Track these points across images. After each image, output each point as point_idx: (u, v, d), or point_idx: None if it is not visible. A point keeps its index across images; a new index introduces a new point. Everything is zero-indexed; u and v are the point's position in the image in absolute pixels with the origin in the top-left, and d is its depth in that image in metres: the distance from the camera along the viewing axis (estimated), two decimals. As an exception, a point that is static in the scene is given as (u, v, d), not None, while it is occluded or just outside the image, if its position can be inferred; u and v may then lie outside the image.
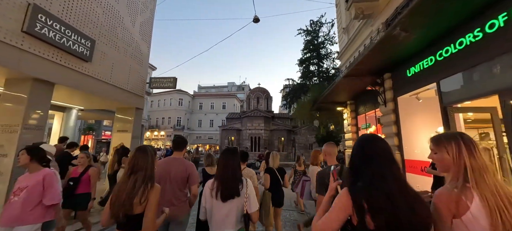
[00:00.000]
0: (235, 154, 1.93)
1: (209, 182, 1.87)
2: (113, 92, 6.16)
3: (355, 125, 8.88)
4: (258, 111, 21.96)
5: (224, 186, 1.76)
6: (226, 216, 1.73)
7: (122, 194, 1.53)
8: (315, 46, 29.06)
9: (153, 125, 39.90)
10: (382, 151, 1.10)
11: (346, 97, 8.84)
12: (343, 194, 1.05)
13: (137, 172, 1.60)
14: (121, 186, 1.59)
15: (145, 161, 1.64)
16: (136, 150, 1.70)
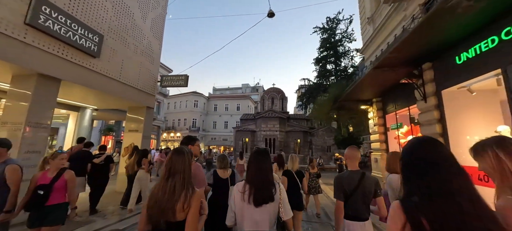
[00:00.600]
0: (267, 156, 1.79)
1: (239, 185, 1.74)
2: (123, 90, 5.91)
3: (382, 125, 7.95)
4: (273, 112, 21.28)
5: (257, 190, 1.63)
6: (258, 223, 1.59)
7: (162, 200, 1.40)
8: (332, 44, 27.85)
9: (170, 126, 40.69)
10: (446, 158, 0.89)
11: (372, 94, 7.95)
12: (395, 208, 0.89)
13: (175, 175, 1.48)
14: (159, 190, 1.45)
15: (182, 163, 1.52)
16: (172, 152, 1.58)
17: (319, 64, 28.90)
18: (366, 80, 6.07)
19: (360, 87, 7.01)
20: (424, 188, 0.85)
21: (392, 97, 7.30)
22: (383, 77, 5.83)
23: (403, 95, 6.63)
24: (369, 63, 8.54)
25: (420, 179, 0.88)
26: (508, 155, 0.91)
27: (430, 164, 0.87)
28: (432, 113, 4.73)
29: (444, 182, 0.83)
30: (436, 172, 0.85)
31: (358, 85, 6.82)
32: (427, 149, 0.92)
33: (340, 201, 1.98)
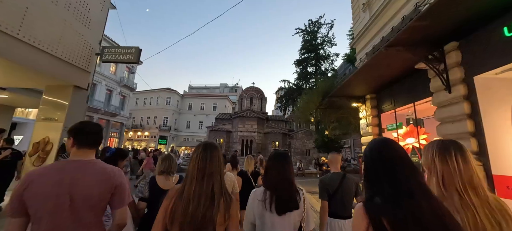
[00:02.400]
0: (289, 159, 1.61)
1: (257, 192, 1.56)
2: (26, 56, 3.87)
3: (377, 126, 6.90)
4: (252, 111, 19.82)
5: (281, 197, 1.46)
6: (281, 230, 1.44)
7: (197, 210, 1.11)
8: (314, 46, 27.63)
9: (137, 124, 36.90)
10: (402, 158, 0.88)
11: (366, 90, 6.88)
12: (358, 211, 0.86)
13: (211, 177, 1.21)
14: (190, 198, 1.15)
15: (218, 161, 1.27)
16: (202, 149, 1.29)
17: (300, 66, 28.49)
18: (372, 66, 4.88)
19: (356, 79, 5.85)
20: (385, 189, 0.84)
21: (390, 94, 6.28)
22: (390, 63, 4.69)
23: (404, 90, 5.61)
24: (365, 56, 7.51)
25: (381, 181, 0.86)
26: (440, 159, 0.97)
27: (389, 165, 0.87)
28: (459, 106, 3.62)
29: (403, 182, 0.83)
30: (395, 173, 0.85)
31: (355, 77, 5.64)
32: (385, 150, 0.92)
33: (324, 200, 2.15)
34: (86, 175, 1.31)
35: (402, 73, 5.25)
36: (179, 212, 1.13)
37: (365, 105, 7.29)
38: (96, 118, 22.27)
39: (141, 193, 2.12)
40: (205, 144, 1.35)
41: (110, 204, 1.38)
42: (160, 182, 2.17)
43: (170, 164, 2.30)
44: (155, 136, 35.13)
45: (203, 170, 1.22)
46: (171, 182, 2.20)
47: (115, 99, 24.74)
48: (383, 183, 0.85)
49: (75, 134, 1.43)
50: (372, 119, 6.92)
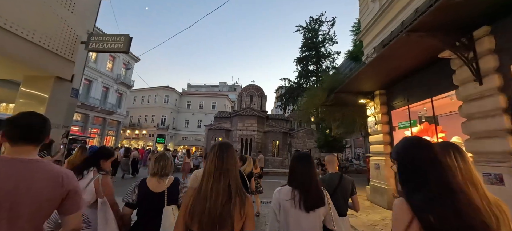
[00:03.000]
0: (312, 160, 1.72)
1: (282, 191, 1.62)
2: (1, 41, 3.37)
3: (387, 123, 6.44)
4: (251, 110, 19.29)
5: (308, 194, 1.55)
6: (309, 228, 1.52)
7: (216, 206, 1.15)
8: (315, 44, 27.18)
9: (135, 123, 36.33)
10: (438, 156, 0.92)
11: (375, 85, 6.42)
12: (401, 206, 0.89)
13: (228, 173, 1.24)
14: (208, 194, 1.19)
15: (233, 159, 1.31)
16: (219, 147, 1.33)
17: (300, 64, 28.03)
18: (378, 62, 4.42)
19: (367, 72, 5.38)
20: (427, 186, 0.87)
21: (403, 89, 5.82)
22: (407, 52, 4.22)
23: (420, 85, 5.14)
24: (372, 51, 7.03)
25: (420, 178, 0.89)
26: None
27: (428, 162, 0.90)
28: (493, 100, 3.16)
29: (443, 179, 0.86)
30: (434, 170, 0.88)
31: (366, 70, 5.17)
32: (423, 148, 0.94)
33: None
34: (33, 179, 1.10)
35: (419, 65, 4.79)
36: (198, 209, 1.16)
37: (373, 102, 6.82)
38: (92, 116, 21.73)
39: (128, 197, 1.86)
40: (221, 143, 1.38)
41: (61, 210, 1.21)
42: (151, 184, 1.90)
43: (165, 165, 1.98)
44: (153, 135, 34.55)
45: (220, 168, 1.25)
46: (164, 184, 1.92)
47: (112, 97, 24.18)
48: (423, 180, 0.88)
49: (5, 125, 1.16)
50: (381, 116, 6.46)
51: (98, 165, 2.12)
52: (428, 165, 0.89)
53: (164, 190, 1.88)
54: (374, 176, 6.57)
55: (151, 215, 1.81)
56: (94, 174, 2.05)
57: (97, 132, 23.41)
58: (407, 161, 0.95)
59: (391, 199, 5.81)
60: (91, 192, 1.96)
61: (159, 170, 1.94)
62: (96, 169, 2.11)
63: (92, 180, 2.00)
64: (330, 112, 8.72)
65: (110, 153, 2.32)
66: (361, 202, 7.28)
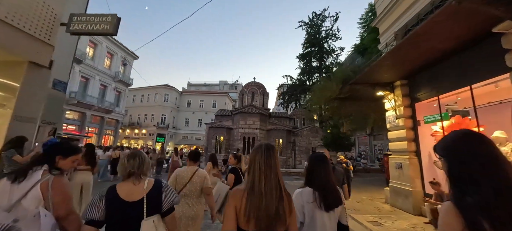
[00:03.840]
0: (328, 161, 1.75)
1: (305, 193, 1.62)
2: None
3: (410, 117, 5.74)
4: (254, 107, 18.60)
5: (328, 196, 1.58)
6: (330, 227, 1.58)
7: (271, 203, 1.19)
8: (318, 40, 26.47)
9: (134, 122, 35.71)
10: (497, 153, 0.81)
11: (396, 74, 5.72)
12: (450, 211, 0.79)
13: (276, 174, 1.28)
14: (261, 192, 1.21)
15: (278, 160, 1.34)
16: (266, 148, 1.35)
17: (303, 61, 27.38)
18: (408, 44, 3.72)
19: (390, 59, 4.69)
20: (482, 188, 0.76)
21: (430, 78, 5.12)
22: (445, 30, 3.52)
23: (455, 71, 4.45)
24: (393, 37, 6.32)
25: (475, 179, 0.79)
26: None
27: (486, 161, 0.79)
28: None
29: (502, 180, 0.76)
30: (493, 170, 0.77)
31: (392, 55, 4.48)
32: (480, 145, 0.83)
33: None
34: None
35: (457, 47, 4.09)
36: (254, 208, 1.17)
37: (393, 94, 6.12)
38: (89, 114, 21.09)
39: (91, 212, 1.37)
40: (266, 144, 1.40)
41: None
42: (124, 191, 1.46)
43: (142, 162, 1.57)
44: (152, 134, 33.97)
45: (270, 167, 1.28)
46: (141, 190, 1.49)
47: (110, 95, 23.53)
48: (479, 181, 0.78)
49: None
50: (404, 110, 5.76)
51: (52, 163, 1.56)
52: (489, 163, 0.79)
53: (142, 198, 1.44)
54: (395, 177, 5.88)
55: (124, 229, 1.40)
56: (43, 174, 1.47)
57: (95, 131, 22.80)
58: (462, 158, 0.84)
59: (418, 202, 5.12)
60: (36, 198, 1.39)
61: (136, 168, 1.51)
62: (48, 168, 1.51)
63: (38, 182, 1.41)
64: (341, 107, 8.03)
65: (72, 149, 1.69)
66: (379, 205, 6.66)
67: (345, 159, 7.07)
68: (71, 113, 20.12)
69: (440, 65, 4.74)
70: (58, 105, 6.90)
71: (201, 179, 2.60)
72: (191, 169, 2.62)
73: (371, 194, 7.52)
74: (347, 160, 6.90)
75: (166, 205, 1.50)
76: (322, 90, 7.01)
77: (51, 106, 6.56)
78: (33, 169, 1.47)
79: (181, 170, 2.64)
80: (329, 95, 6.47)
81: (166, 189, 1.55)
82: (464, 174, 0.81)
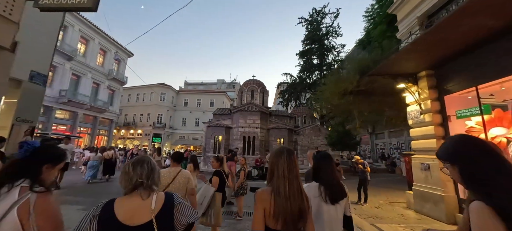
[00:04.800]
0: (332, 159, 1.89)
1: (312, 187, 1.72)
2: None
3: (439, 112, 5.07)
4: (254, 105, 17.84)
5: (334, 189, 1.70)
6: (336, 219, 1.70)
7: (295, 205, 1.31)
8: (318, 37, 25.85)
9: (129, 122, 34.67)
10: (504, 158, 0.88)
11: (422, 63, 5.05)
12: (484, 213, 0.80)
13: (297, 178, 1.40)
14: (286, 196, 1.32)
15: (297, 164, 1.47)
16: (287, 153, 1.45)
17: (303, 58, 26.74)
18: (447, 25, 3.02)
19: (422, 44, 4.00)
20: (504, 186, 0.81)
21: (465, 65, 4.45)
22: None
23: (500, 57, 3.78)
24: (415, 20, 5.64)
25: (494, 178, 0.83)
26: None
27: (499, 160, 0.86)
28: None
29: None
30: (507, 167, 0.84)
31: (426, 38, 3.79)
32: (488, 145, 0.91)
33: None
34: None
35: (507, 25, 3.41)
36: (281, 210, 1.29)
37: (417, 87, 5.45)
38: (81, 114, 20.11)
39: None
40: (288, 149, 1.50)
41: None
42: (123, 210, 1.09)
43: (151, 171, 1.21)
44: (148, 134, 33.02)
45: (292, 171, 1.39)
46: (148, 209, 1.11)
47: (103, 94, 22.55)
48: (499, 180, 0.83)
49: None
50: (431, 104, 5.09)
51: (36, 175, 1.17)
52: (500, 161, 0.86)
53: (150, 221, 1.09)
54: (421, 179, 5.20)
55: None
56: (22, 192, 1.09)
57: (87, 131, 21.82)
58: (478, 159, 0.88)
59: (452, 210, 4.45)
60: (12, 228, 1.01)
61: (145, 177, 1.16)
62: (30, 183, 1.12)
63: (15, 204, 1.04)
64: (353, 103, 7.34)
65: (61, 154, 1.35)
66: (401, 211, 5.96)
67: (361, 159, 6.41)
68: (62, 112, 19.14)
69: (481, 49, 4.07)
70: (36, 101, 6.08)
71: (185, 180, 2.61)
72: (174, 170, 2.63)
73: (388, 197, 6.85)
74: (363, 160, 6.22)
75: (181, 227, 1.19)
76: (336, 84, 6.30)
77: (27, 102, 5.75)
78: (7, 186, 1.08)
79: (164, 170, 2.59)
80: (345, 88, 5.78)
81: (179, 206, 1.21)
82: (482, 174, 0.85)
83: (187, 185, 2.61)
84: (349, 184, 8.74)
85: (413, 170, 5.54)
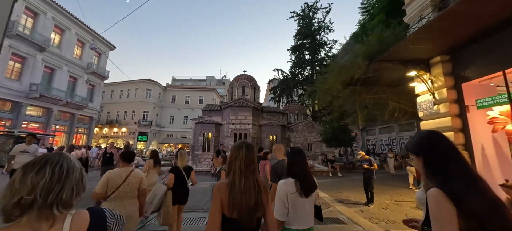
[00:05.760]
0: (304, 154, 1.95)
1: (288, 183, 1.79)
2: None
3: (456, 102, 4.54)
4: (245, 101, 17.02)
5: (307, 182, 1.79)
6: (310, 210, 1.81)
7: (250, 198, 1.36)
8: (311, 31, 25.42)
9: (113, 119, 32.80)
10: (458, 151, 1.02)
11: (437, 47, 4.49)
12: (439, 197, 0.90)
13: (254, 172, 1.47)
14: (241, 190, 1.37)
15: (256, 158, 1.53)
16: (245, 148, 1.50)
17: (295, 53, 26.28)
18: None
19: (444, 22, 3.40)
20: (459, 176, 0.92)
21: (489, 47, 3.92)
22: None
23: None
24: (426, 2, 5.08)
25: (451, 169, 0.94)
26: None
27: (456, 153, 0.98)
28: None
29: (469, 168, 0.96)
30: (462, 160, 0.97)
31: (454, 11, 3.18)
32: (447, 140, 1.04)
33: (275, 183, 2.48)
34: None
35: None
36: (236, 202, 1.34)
37: (429, 74, 4.90)
38: (56, 111, 18.41)
39: None
40: (246, 144, 1.54)
41: None
42: None
43: (56, 181, 0.76)
44: (134, 132, 31.40)
45: (249, 166, 1.44)
46: None
47: (81, 89, 20.86)
48: (452, 168, 0.94)
49: None
50: (447, 92, 4.55)
51: None
52: (457, 154, 0.97)
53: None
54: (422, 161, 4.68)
55: None
56: None
57: (64, 130, 20.09)
58: (437, 154, 1.00)
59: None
60: None
61: (40, 192, 0.71)
62: None
63: None
64: (354, 95, 6.76)
65: None
66: (412, 212, 5.25)
67: (366, 155, 5.82)
68: (35, 109, 17.42)
69: (505, 31, 3.54)
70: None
71: (137, 180, 2.51)
72: (125, 170, 2.48)
73: (392, 197, 6.34)
74: (369, 157, 5.65)
75: None
76: (340, 72, 5.65)
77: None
78: None
79: (113, 172, 2.44)
80: (351, 75, 5.14)
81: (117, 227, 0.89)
82: (439, 165, 0.97)
83: (139, 185, 2.49)
84: (347, 182, 7.88)
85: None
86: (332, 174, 11.05)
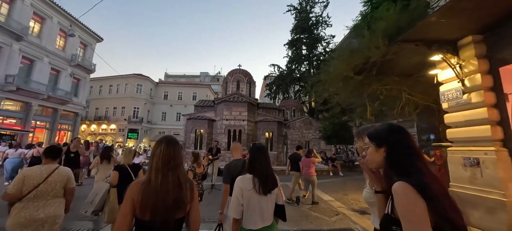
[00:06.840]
0: (266, 151, 1.94)
1: (245, 180, 1.78)
2: None
3: (491, 89, 3.82)
4: (240, 95, 16.15)
5: (267, 180, 1.77)
6: (265, 210, 1.76)
7: (168, 196, 1.26)
8: (308, 26, 24.67)
9: (101, 115, 31.36)
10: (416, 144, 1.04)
11: (469, 25, 3.75)
12: (409, 191, 0.85)
13: (176, 169, 1.36)
14: (156, 188, 1.26)
15: (181, 154, 1.43)
16: (166, 144, 1.38)
17: (292, 48, 25.50)
18: None
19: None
20: (420, 170, 0.92)
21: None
22: None
23: None
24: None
25: (413, 163, 0.94)
26: None
27: (415, 147, 1.00)
28: None
29: (424, 162, 0.97)
30: (420, 154, 0.99)
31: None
32: (408, 134, 1.03)
33: (227, 184, 2.42)
34: None
35: None
36: (150, 201, 1.22)
37: (457, 58, 4.17)
38: (36, 105, 17.05)
39: None
40: (168, 139, 1.41)
41: None
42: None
43: None
44: (123, 129, 30.06)
45: (168, 163, 1.32)
46: None
47: (65, 83, 19.47)
48: (416, 162, 0.94)
49: None
50: (481, 78, 3.82)
51: None
52: (416, 148, 0.99)
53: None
54: (464, 179, 3.96)
55: None
56: None
57: (45, 126, 18.75)
58: (399, 145, 0.99)
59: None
60: None
61: None
62: None
63: None
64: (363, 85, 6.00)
65: None
66: None
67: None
68: (12, 103, 16.05)
69: None
70: None
71: (62, 179, 2.31)
72: (47, 168, 2.26)
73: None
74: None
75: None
76: (352, 55, 4.88)
77: None
78: None
79: (31, 169, 2.23)
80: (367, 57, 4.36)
81: None
82: (404, 159, 0.95)
83: (65, 184, 2.34)
84: (351, 182, 6.86)
85: (450, 167, 4.29)
86: (333, 173, 10.36)
